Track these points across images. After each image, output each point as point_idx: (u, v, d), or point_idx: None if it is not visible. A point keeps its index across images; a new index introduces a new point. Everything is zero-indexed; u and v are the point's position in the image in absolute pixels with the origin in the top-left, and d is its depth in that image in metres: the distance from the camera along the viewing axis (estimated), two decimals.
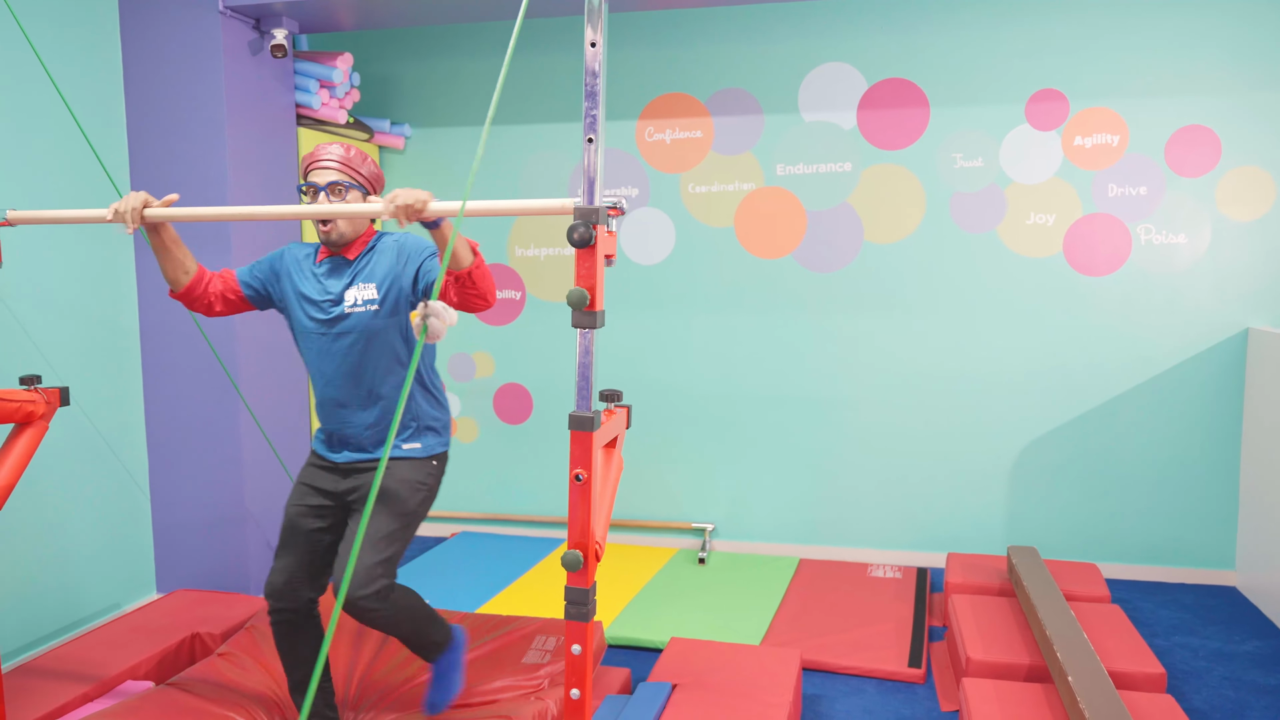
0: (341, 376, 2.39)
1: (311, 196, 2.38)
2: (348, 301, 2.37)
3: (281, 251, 2.51)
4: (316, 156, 2.39)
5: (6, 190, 3.08)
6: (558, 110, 4.48)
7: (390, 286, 2.37)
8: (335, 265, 2.41)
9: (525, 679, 2.76)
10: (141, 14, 3.59)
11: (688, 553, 4.41)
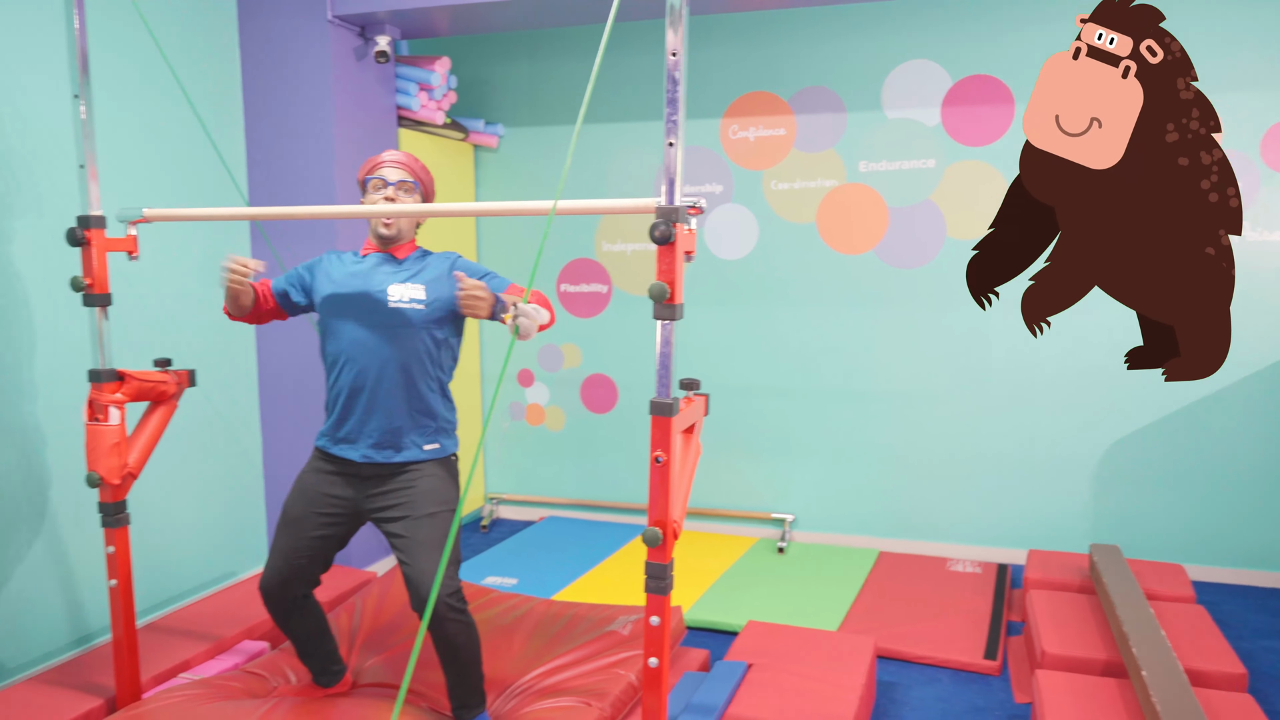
0: (373, 367, 2.43)
1: (377, 189, 2.51)
2: (393, 296, 2.45)
3: (320, 258, 2.60)
4: (383, 159, 2.55)
5: (140, 190, 3.36)
6: (643, 109, 4.61)
7: (439, 295, 2.47)
8: (382, 261, 2.52)
9: (609, 655, 2.90)
10: (258, 24, 3.84)
11: (767, 542, 4.51)
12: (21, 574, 2.97)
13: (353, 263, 2.54)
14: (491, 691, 2.71)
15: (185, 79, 3.45)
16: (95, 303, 2.56)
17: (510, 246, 4.94)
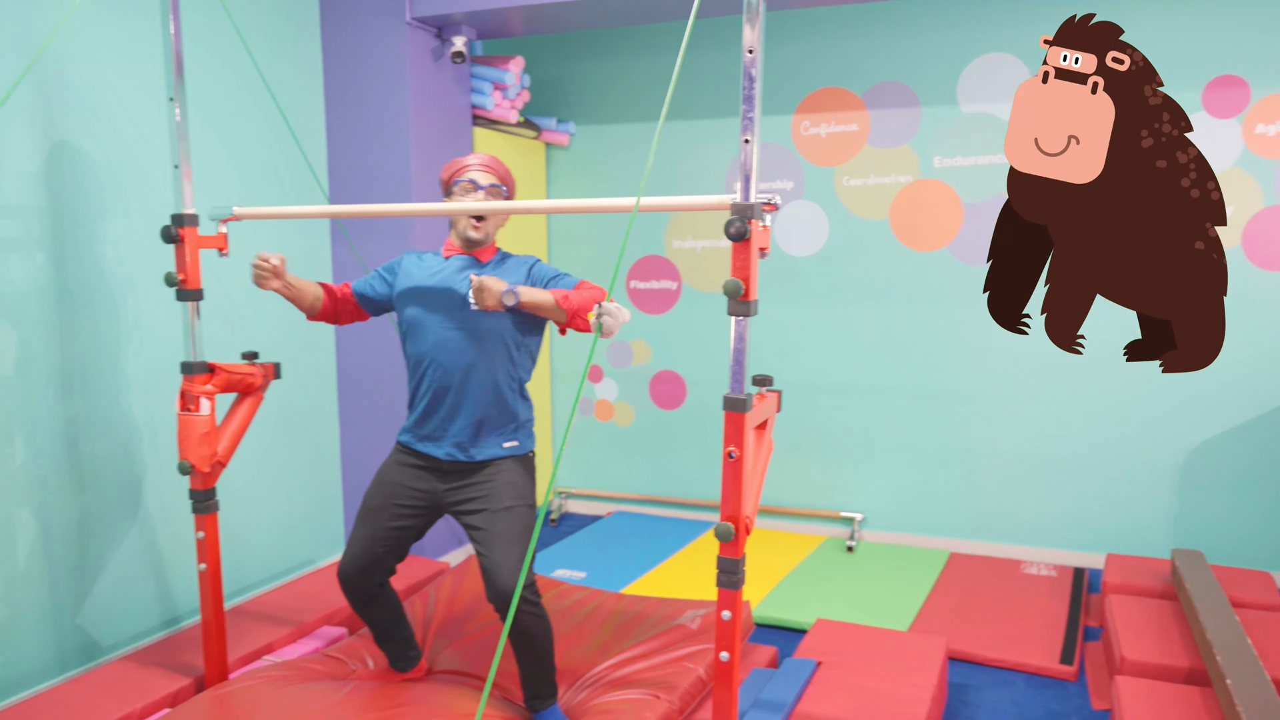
0: (456, 369, 2.49)
1: (468, 191, 2.55)
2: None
3: (400, 259, 2.66)
4: (469, 162, 2.57)
5: (227, 189, 3.48)
6: (714, 106, 4.62)
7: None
8: (465, 265, 2.57)
9: (678, 649, 2.92)
10: (339, 27, 3.95)
11: (836, 541, 4.48)
12: (117, 558, 3.11)
13: (435, 264, 2.59)
14: (562, 682, 2.75)
15: (270, 81, 3.57)
16: (188, 298, 2.66)
17: (581, 244, 4.99)
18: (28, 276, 2.78)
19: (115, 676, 2.81)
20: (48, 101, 2.82)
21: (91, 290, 2.98)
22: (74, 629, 2.97)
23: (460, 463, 2.55)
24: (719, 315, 4.71)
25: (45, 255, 2.83)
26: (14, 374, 2.75)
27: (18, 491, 2.78)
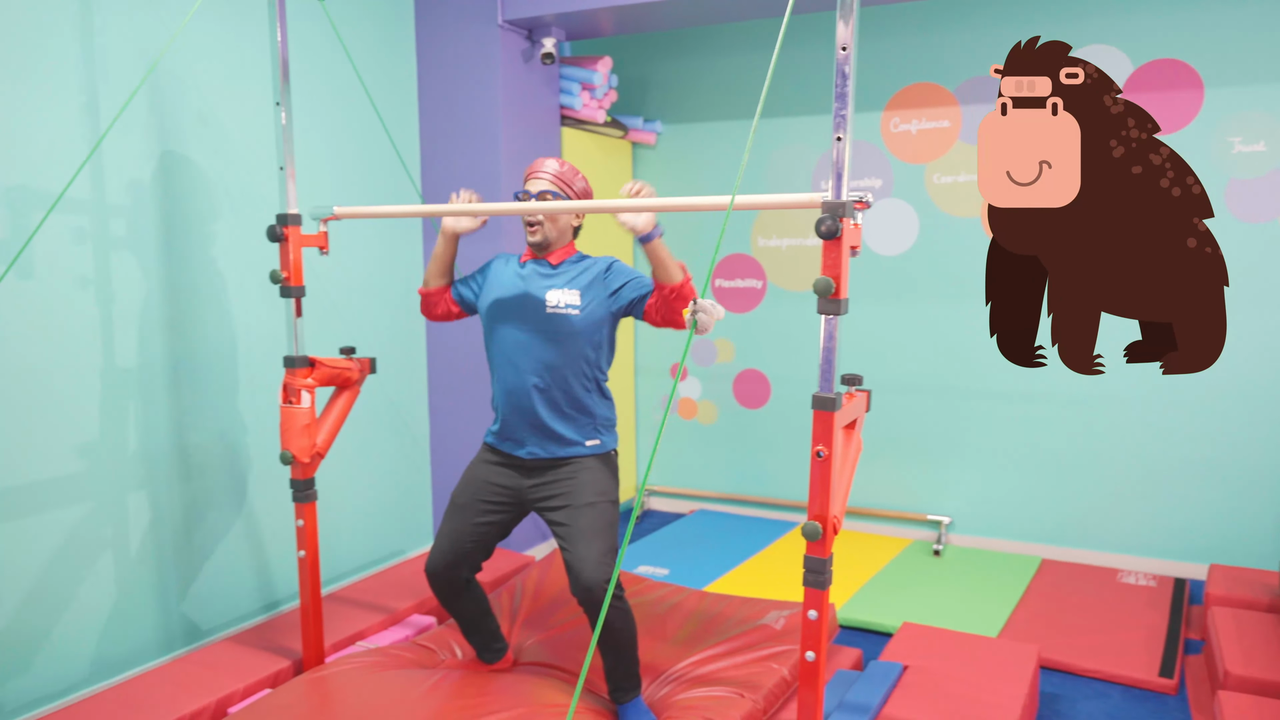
0: (532, 372, 2.55)
1: (524, 200, 2.58)
2: (550, 303, 2.55)
3: (491, 261, 2.75)
4: (535, 168, 2.63)
5: (328, 189, 3.60)
6: (802, 104, 4.58)
7: (593, 298, 2.56)
8: (540, 269, 2.63)
9: (763, 647, 2.92)
10: (433, 30, 4.05)
11: (922, 544, 4.41)
12: (221, 543, 3.24)
13: (516, 268, 2.66)
14: (646, 676, 2.77)
15: (368, 84, 3.67)
16: (291, 294, 2.77)
17: (670, 241, 4.99)
18: (143, 275, 2.93)
19: (218, 657, 2.94)
20: (160, 109, 2.96)
21: (200, 288, 3.11)
22: (180, 610, 3.11)
23: (543, 460, 2.60)
24: (804, 314, 4.68)
25: (158, 255, 2.97)
26: (131, 368, 2.90)
27: (130, 478, 2.93)
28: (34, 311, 2.64)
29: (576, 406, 2.60)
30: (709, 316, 2.01)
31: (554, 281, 2.60)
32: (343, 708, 2.56)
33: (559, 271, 2.62)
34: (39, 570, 2.68)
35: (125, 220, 2.87)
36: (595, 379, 2.63)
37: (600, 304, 2.57)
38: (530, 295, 2.59)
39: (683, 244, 4.91)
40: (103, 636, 2.87)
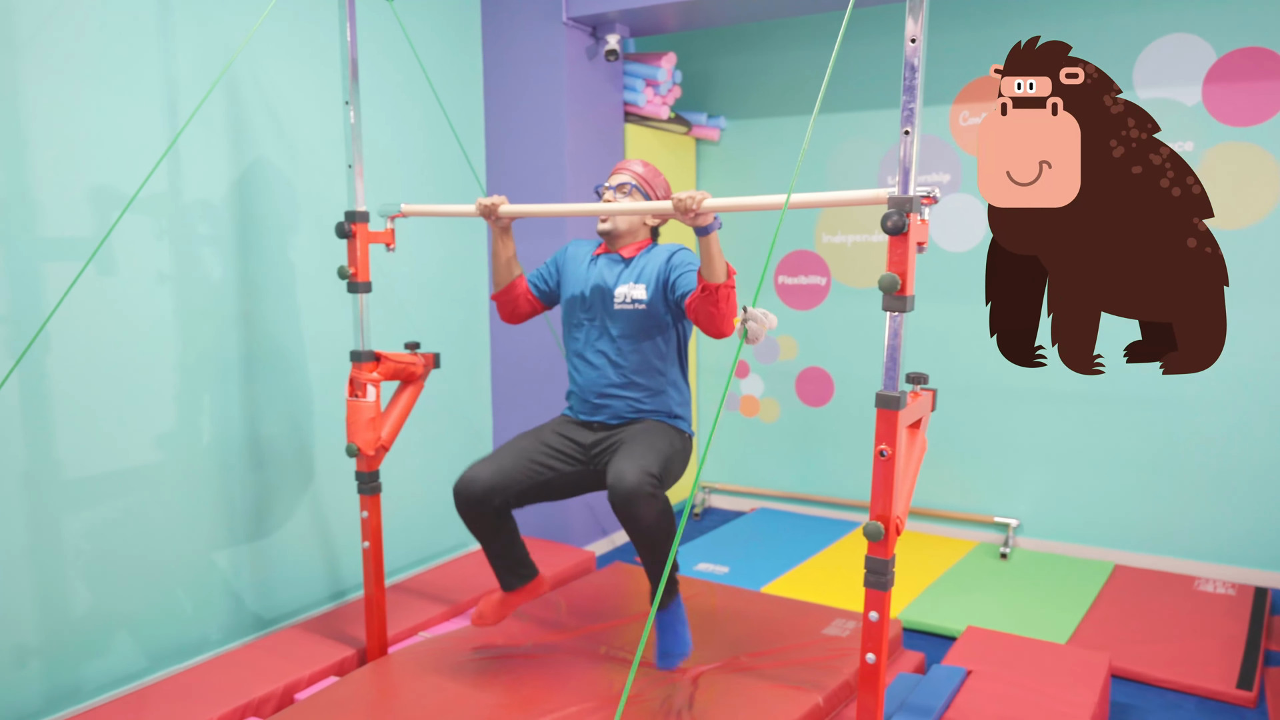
0: (604, 365, 2.63)
1: (602, 195, 2.66)
2: (618, 298, 2.60)
3: (565, 247, 2.81)
4: (620, 165, 2.68)
5: (396, 186, 3.66)
6: (867, 98, 4.52)
7: (657, 290, 2.59)
8: (611, 262, 2.67)
9: (825, 649, 2.89)
10: (499, 29, 4.08)
11: (988, 547, 4.32)
12: (288, 533, 3.32)
13: (589, 261, 2.71)
14: (706, 669, 2.76)
15: (434, 83, 3.72)
16: (358, 290, 2.82)
17: (731, 239, 4.97)
18: (218, 271, 3.01)
19: (286, 645, 3.00)
20: (235, 110, 3.04)
21: (271, 283, 3.19)
22: (251, 597, 3.20)
23: (608, 423, 2.67)
24: (869, 312, 4.62)
25: (232, 251, 3.05)
26: (205, 361, 2.98)
27: (205, 469, 3.01)
28: (115, 306, 2.73)
29: (651, 398, 2.65)
30: (759, 326, 1.97)
31: (623, 275, 2.63)
32: (407, 698, 2.60)
33: (630, 264, 2.65)
34: (118, 556, 2.78)
35: (202, 218, 2.95)
36: (668, 371, 2.67)
37: (663, 297, 2.59)
38: (601, 289, 2.64)
39: (745, 242, 4.88)
40: (177, 622, 2.96)
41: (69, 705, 2.67)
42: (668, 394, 2.67)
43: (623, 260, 2.66)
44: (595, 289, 2.64)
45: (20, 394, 2.52)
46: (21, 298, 2.51)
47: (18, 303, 2.51)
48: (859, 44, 4.48)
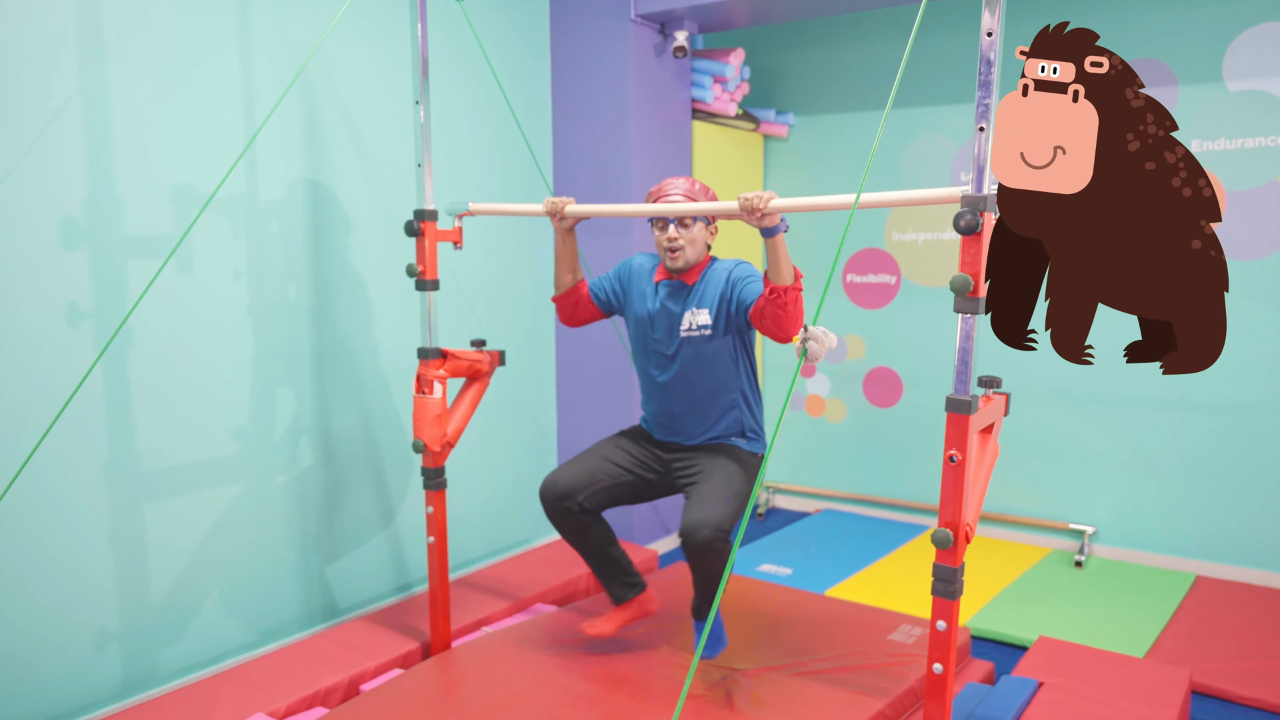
0: (675, 392, 2.64)
1: (661, 228, 2.60)
2: (684, 326, 2.59)
3: (629, 262, 2.78)
4: (664, 190, 2.58)
5: (463, 184, 3.70)
6: (938, 93, 4.42)
7: (720, 310, 2.56)
8: (674, 289, 2.64)
9: (890, 656, 2.84)
10: (567, 27, 4.09)
11: (1062, 554, 4.19)
12: (356, 526, 3.38)
13: (651, 286, 2.69)
14: (767, 670, 2.73)
15: (502, 82, 3.74)
16: (426, 287, 2.85)
17: (800, 237, 4.92)
18: (291, 269, 3.07)
19: (353, 635, 3.06)
20: (309, 111, 3.10)
21: (342, 281, 3.25)
22: (319, 588, 3.26)
23: (680, 444, 2.71)
24: (940, 311, 4.52)
25: (305, 249, 3.11)
26: (278, 357, 3.05)
27: (277, 462, 3.08)
28: (193, 303, 2.81)
29: (724, 416, 2.66)
30: (819, 345, 1.92)
31: (688, 301, 2.62)
32: (470, 692, 2.63)
33: (693, 290, 2.63)
34: (193, 546, 2.86)
35: (275, 216, 3.02)
36: (740, 389, 2.67)
37: (727, 316, 2.58)
38: (665, 317, 2.64)
39: (813, 240, 4.82)
40: (249, 611, 3.03)
41: (145, 689, 2.76)
42: (739, 409, 2.68)
43: (686, 286, 2.64)
44: (660, 316, 2.65)
45: (103, 387, 2.60)
46: (106, 293, 2.60)
47: (102, 298, 2.59)
48: (931, 37, 4.39)
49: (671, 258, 2.60)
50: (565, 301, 2.81)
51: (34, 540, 2.49)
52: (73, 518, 2.57)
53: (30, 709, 2.51)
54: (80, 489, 2.58)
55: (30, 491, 2.44)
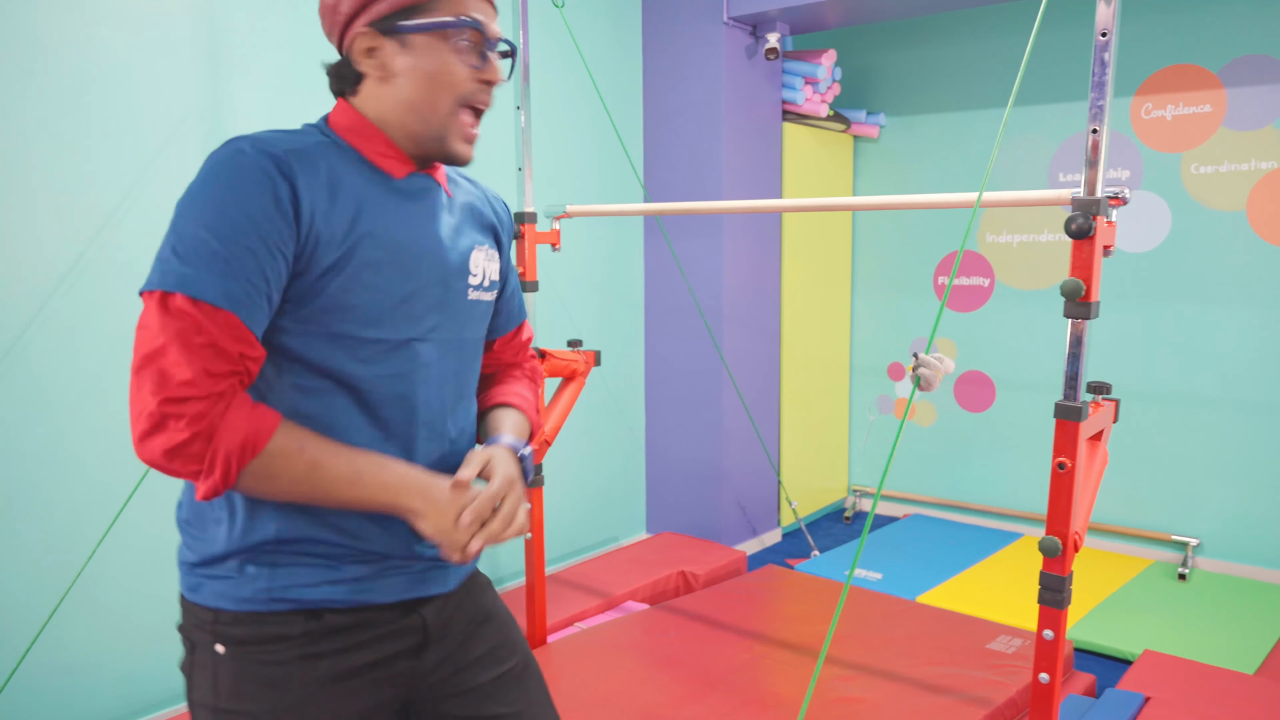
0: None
1: (475, 46, 1.28)
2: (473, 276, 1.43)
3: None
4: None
5: (559, 187, 3.76)
6: (1036, 91, 4.32)
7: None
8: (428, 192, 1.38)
9: (989, 665, 2.80)
10: (659, 30, 4.12)
11: (1164, 566, 4.06)
12: None
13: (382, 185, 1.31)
14: (866, 674, 2.72)
15: (596, 85, 3.80)
16: (526, 289, 2.90)
17: (886, 240, 4.87)
18: None
19: None
20: None
21: None
22: None
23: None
24: (1035, 314, 4.42)
25: None
26: None
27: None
28: None
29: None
30: (933, 372, 1.77)
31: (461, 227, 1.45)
32: (566, 689, 2.68)
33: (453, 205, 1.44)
34: None
35: None
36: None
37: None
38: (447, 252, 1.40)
39: (901, 243, 4.77)
40: None
41: None
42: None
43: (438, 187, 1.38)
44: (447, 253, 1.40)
45: None
46: None
47: None
48: (1026, 36, 4.29)
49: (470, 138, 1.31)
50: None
51: (158, 529, 2.62)
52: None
53: (157, 690, 2.64)
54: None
55: (153, 482, 2.56)
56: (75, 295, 2.44)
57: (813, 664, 2.83)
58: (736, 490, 4.23)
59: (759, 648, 2.94)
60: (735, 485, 4.22)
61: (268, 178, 1.10)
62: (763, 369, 4.35)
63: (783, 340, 4.48)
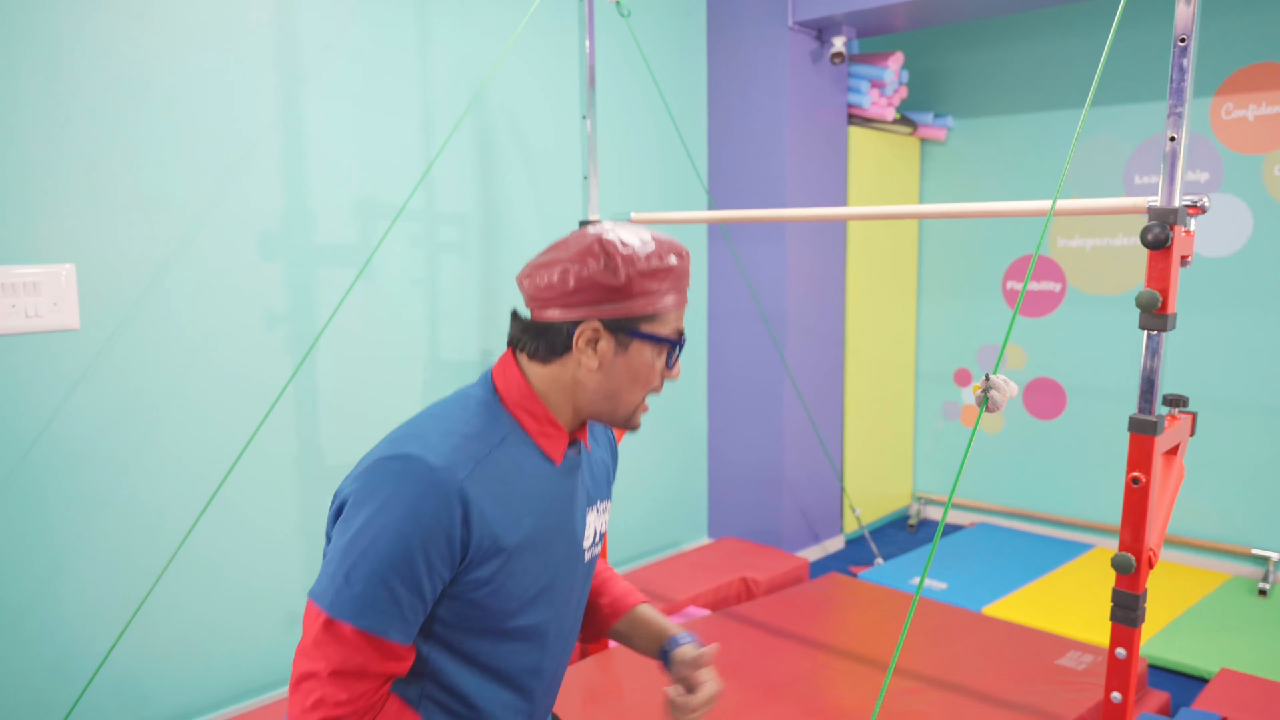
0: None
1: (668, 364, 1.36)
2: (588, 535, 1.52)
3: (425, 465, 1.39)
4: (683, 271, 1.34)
5: (623, 194, 3.78)
6: (1111, 93, 4.22)
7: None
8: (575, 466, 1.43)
9: (1059, 682, 2.74)
10: (724, 35, 4.12)
11: (1243, 581, 3.93)
12: None
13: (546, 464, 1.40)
14: (934, 687, 2.69)
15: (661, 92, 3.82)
16: None
17: (953, 245, 4.80)
18: (463, 276, 3.22)
19: None
20: (481, 126, 3.24)
21: (508, 288, 3.38)
22: None
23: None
24: (1108, 320, 4.31)
25: (477, 257, 3.26)
26: (449, 360, 3.21)
27: None
28: (374, 308, 2.99)
29: None
30: (1001, 395, 1.77)
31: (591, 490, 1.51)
32: (628, 692, 2.69)
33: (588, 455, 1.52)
34: None
35: (449, 226, 3.17)
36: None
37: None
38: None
39: (968, 248, 4.69)
40: None
41: None
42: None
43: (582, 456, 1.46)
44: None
45: (293, 387, 2.80)
46: (298, 299, 2.80)
47: (295, 303, 2.79)
48: (1101, 35, 4.20)
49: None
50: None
51: (236, 529, 2.71)
52: (266, 509, 2.78)
53: (229, 682, 2.73)
54: (273, 482, 2.79)
55: (232, 483, 2.65)
56: (159, 303, 2.53)
57: (876, 674, 2.80)
58: (799, 496, 4.21)
59: (822, 657, 2.92)
60: (798, 491, 4.20)
61: (448, 514, 1.16)
62: (826, 374, 4.33)
63: (847, 345, 4.44)
